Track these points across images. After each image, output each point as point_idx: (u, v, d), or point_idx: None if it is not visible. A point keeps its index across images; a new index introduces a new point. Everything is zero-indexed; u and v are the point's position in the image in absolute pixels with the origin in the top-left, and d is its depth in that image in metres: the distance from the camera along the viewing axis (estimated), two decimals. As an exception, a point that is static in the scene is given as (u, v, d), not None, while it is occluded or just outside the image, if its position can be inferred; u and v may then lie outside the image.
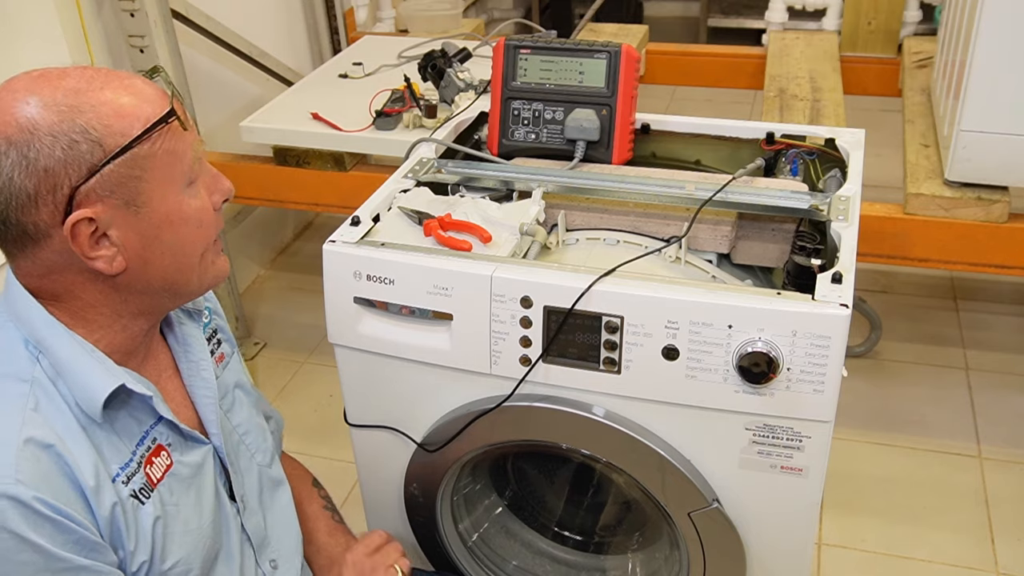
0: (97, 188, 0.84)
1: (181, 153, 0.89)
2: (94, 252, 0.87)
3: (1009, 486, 1.96)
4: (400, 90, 1.97)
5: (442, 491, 1.34)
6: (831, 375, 1.05)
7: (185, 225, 0.91)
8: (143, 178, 0.87)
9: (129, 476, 0.92)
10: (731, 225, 1.30)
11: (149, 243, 0.89)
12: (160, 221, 0.89)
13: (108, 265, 0.88)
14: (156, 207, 0.88)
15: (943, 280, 2.64)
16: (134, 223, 0.87)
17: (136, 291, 0.92)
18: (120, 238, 0.87)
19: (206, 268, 0.96)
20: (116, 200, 0.86)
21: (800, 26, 2.76)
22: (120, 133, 0.84)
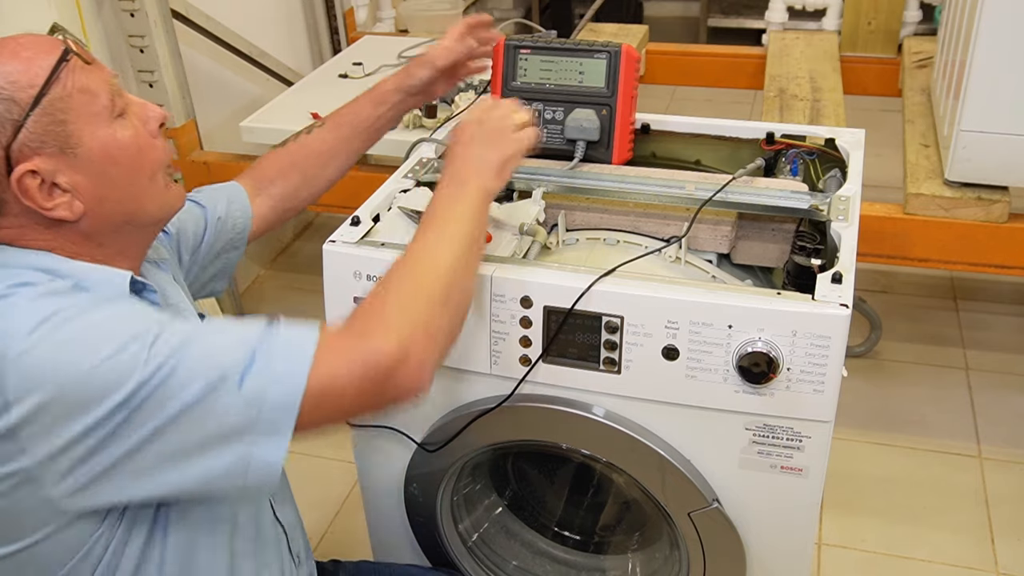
0: (28, 141, 0.88)
1: (95, 89, 0.92)
2: (50, 202, 0.90)
3: (1009, 486, 1.96)
4: (400, 90, 1.97)
5: (442, 491, 1.34)
6: (831, 375, 1.05)
7: (124, 154, 0.94)
8: (67, 121, 0.90)
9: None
10: (731, 225, 1.30)
11: (97, 180, 0.92)
12: (99, 156, 0.92)
13: (69, 211, 0.91)
14: (90, 145, 0.91)
15: (943, 280, 2.64)
16: (76, 165, 0.90)
17: (104, 232, 0.95)
18: (69, 182, 0.90)
19: (159, 192, 0.98)
20: (51, 148, 0.89)
21: (800, 26, 2.76)
22: (28, 84, 0.88)
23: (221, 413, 0.83)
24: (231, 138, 2.25)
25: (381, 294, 0.94)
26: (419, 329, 0.90)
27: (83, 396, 0.81)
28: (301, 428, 0.86)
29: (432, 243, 0.98)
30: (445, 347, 0.95)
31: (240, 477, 0.86)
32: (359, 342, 0.88)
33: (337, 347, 0.88)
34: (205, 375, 0.83)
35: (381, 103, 1.35)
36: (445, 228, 1.00)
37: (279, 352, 0.86)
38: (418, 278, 0.95)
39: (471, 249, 0.99)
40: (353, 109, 1.36)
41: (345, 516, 1.99)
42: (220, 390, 0.83)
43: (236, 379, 0.83)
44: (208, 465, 0.85)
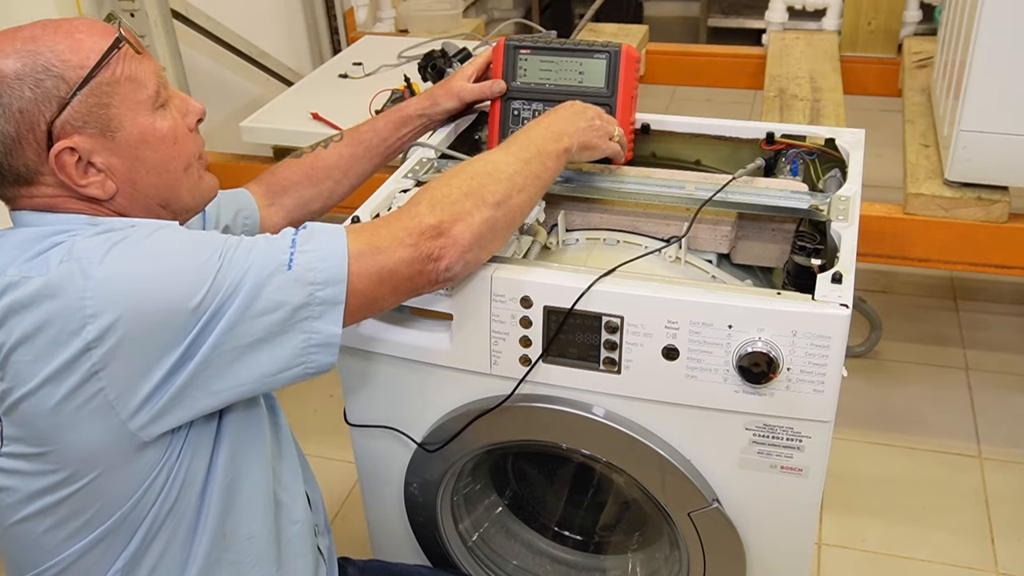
0: (71, 120, 0.91)
1: (143, 79, 0.96)
2: (84, 180, 0.94)
3: (1009, 486, 1.96)
4: (400, 90, 1.97)
5: (442, 491, 1.34)
6: (831, 375, 1.05)
7: (161, 143, 0.98)
8: (111, 104, 0.93)
9: None
10: (731, 225, 1.30)
11: (132, 164, 0.96)
12: (136, 142, 0.95)
13: (101, 190, 0.95)
14: (129, 130, 0.95)
15: (943, 280, 2.64)
16: (113, 148, 0.94)
17: (137, 211, 0.99)
18: (104, 163, 0.94)
19: (194, 182, 1.03)
20: (91, 129, 0.92)
21: (800, 26, 2.75)
22: (79, 65, 0.91)
23: (279, 297, 0.91)
24: (231, 138, 2.25)
25: (442, 179, 1.04)
26: (463, 215, 1.00)
27: (161, 308, 0.87)
28: (353, 300, 0.94)
29: (503, 153, 1.09)
30: (484, 243, 1.03)
31: (303, 357, 0.94)
32: (403, 211, 1.00)
33: (381, 220, 1.00)
34: (260, 268, 0.90)
35: (403, 126, 1.39)
36: (523, 148, 1.10)
37: (317, 232, 0.95)
38: (478, 176, 1.04)
39: (537, 176, 1.09)
40: (374, 127, 1.38)
41: (345, 516, 1.99)
42: (275, 276, 0.91)
43: (285, 263, 0.92)
44: (275, 354, 0.92)
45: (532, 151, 1.11)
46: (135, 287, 0.87)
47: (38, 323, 0.87)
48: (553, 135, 1.14)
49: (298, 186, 1.33)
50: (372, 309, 0.99)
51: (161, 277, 0.88)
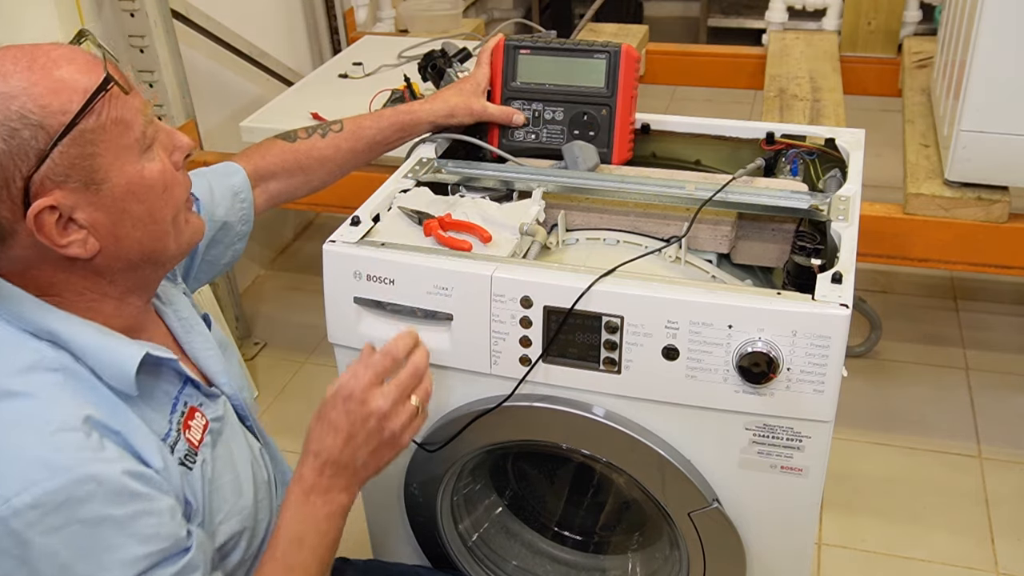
0: (51, 174, 0.81)
1: (130, 120, 0.85)
2: (64, 239, 0.84)
3: (1009, 486, 1.96)
4: (400, 90, 1.97)
5: (442, 491, 1.34)
6: (831, 375, 1.05)
7: (150, 193, 0.88)
8: (96, 154, 0.83)
9: (172, 445, 0.91)
10: (731, 225, 1.30)
11: (118, 219, 0.86)
12: (123, 194, 0.85)
13: (82, 249, 0.85)
14: (116, 181, 0.85)
15: (943, 280, 2.64)
16: (97, 202, 0.84)
17: (118, 270, 0.90)
18: (87, 219, 0.84)
19: (180, 230, 0.94)
20: (74, 183, 0.82)
21: (800, 26, 2.75)
22: (60, 111, 0.80)
23: None
24: (231, 138, 2.25)
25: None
26: None
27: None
28: None
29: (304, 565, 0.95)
30: None
31: None
32: None
33: None
34: None
35: (410, 130, 1.37)
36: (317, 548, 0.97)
37: None
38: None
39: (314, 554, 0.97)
40: (378, 126, 1.35)
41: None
42: None
43: None
44: None
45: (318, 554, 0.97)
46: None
47: None
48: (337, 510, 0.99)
49: (288, 173, 1.29)
50: None
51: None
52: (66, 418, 0.81)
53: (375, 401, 0.97)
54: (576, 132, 1.40)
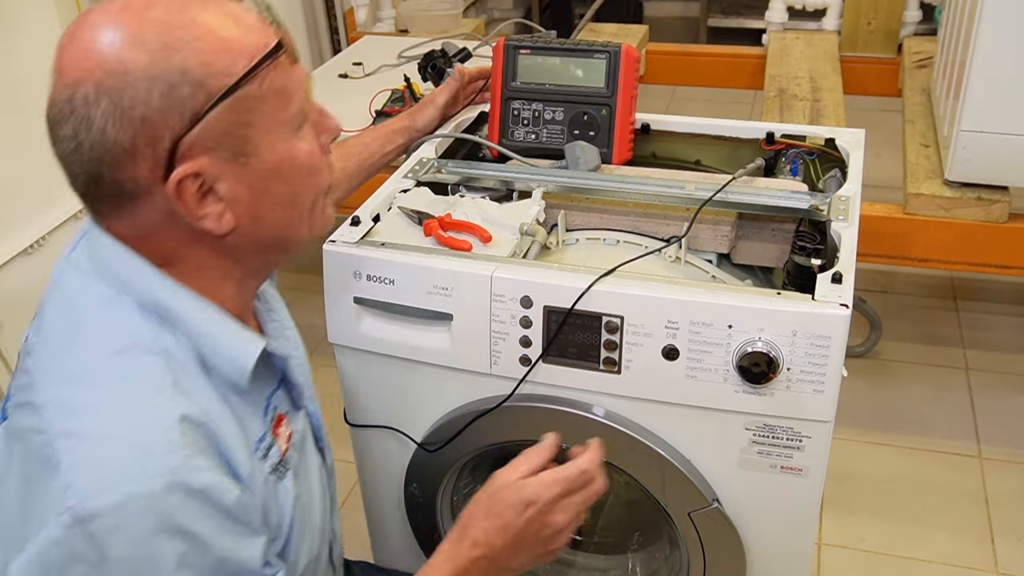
0: (202, 138, 0.74)
1: (291, 92, 0.79)
2: (201, 210, 0.77)
3: (1009, 486, 1.96)
4: (400, 90, 1.97)
5: (442, 491, 1.34)
6: (831, 375, 1.05)
7: (296, 174, 0.81)
8: (251, 123, 0.76)
9: (267, 450, 0.84)
10: (731, 225, 1.30)
11: (259, 197, 0.79)
12: (270, 172, 0.79)
13: (216, 223, 0.78)
14: (265, 156, 0.78)
15: (943, 280, 2.64)
16: (242, 176, 0.77)
17: (247, 251, 0.83)
18: (228, 193, 0.77)
19: (315, 219, 0.86)
20: (223, 152, 0.76)
21: (800, 26, 2.75)
22: (223, 72, 0.74)
23: None
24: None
25: None
26: None
27: None
28: None
29: None
30: None
31: None
32: None
33: None
34: None
35: (387, 143, 1.40)
36: None
37: None
38: None
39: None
40: (364, 142, 1.38)
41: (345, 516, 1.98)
42: None
43: None
44: None
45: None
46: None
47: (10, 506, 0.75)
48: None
49: None
50: None
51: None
52: (160, 414, 0.74)
53: (558, 516, 0.94)
54: (576, 132, 1.40)
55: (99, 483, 0.70)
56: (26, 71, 1.72)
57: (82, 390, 0.75)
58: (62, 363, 0.77)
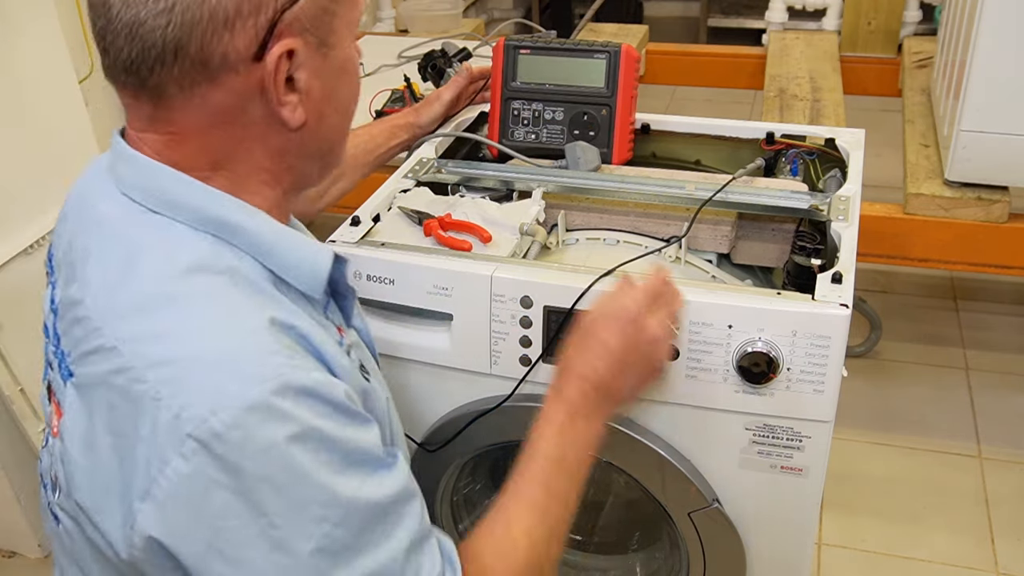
0: (302, 16, 0.71)
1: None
2: (285, 96, 0.74)
3: (1009, 486, 1.96)
4: (400, 90, 1.97)
5: (442, 491, 1.34)
6: (831, 375, 1.05)
7: (354, 78, 0.80)
8: (336, 14, 0.75)
9: (347, 352, 0.82)
10: (731, 225, 1.30)
11: (328, 95, 0.77)
12: (339, 70, 0.77)
13: (292, 115, 0.75)
14: (339, 53, 0.76)
15: (943, 280, 2.64)
16: (320, 68, 0.75)
17: (302, 154, 0.79)
18: (306, 84, 0.74)
19: (347, 141, 0.85)
20: (312, 37, 0.73)
21: (800, 26, 2.76)
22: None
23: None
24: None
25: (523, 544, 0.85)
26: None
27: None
28: None
29: (563, 491, 0.90)
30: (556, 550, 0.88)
31: None
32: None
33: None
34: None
35: (391, 137, 1.41)
36: (575, 474, 0.91)
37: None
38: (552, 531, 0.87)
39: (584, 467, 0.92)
40: (371, 133, 1.39)
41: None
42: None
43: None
44: None
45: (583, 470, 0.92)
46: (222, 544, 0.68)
47: (107, 446, 0.71)
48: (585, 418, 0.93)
49: None
50: None
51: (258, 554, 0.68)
52: (248, 322, 0.70)
53: (651, 327, 0.93)
54: (576, 132, 1.40)
55: (209, 403, 0.67)
56: (26, 71, 1.72)
57: (158, 317, 0.70)
58: (125, 298, 0.72)
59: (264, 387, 0.67)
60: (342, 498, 0.70)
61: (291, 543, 0.68)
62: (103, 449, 0.71)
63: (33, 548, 1.91)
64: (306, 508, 0.69)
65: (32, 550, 1.91)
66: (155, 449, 0.67)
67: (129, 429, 0.69)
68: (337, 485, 0.70)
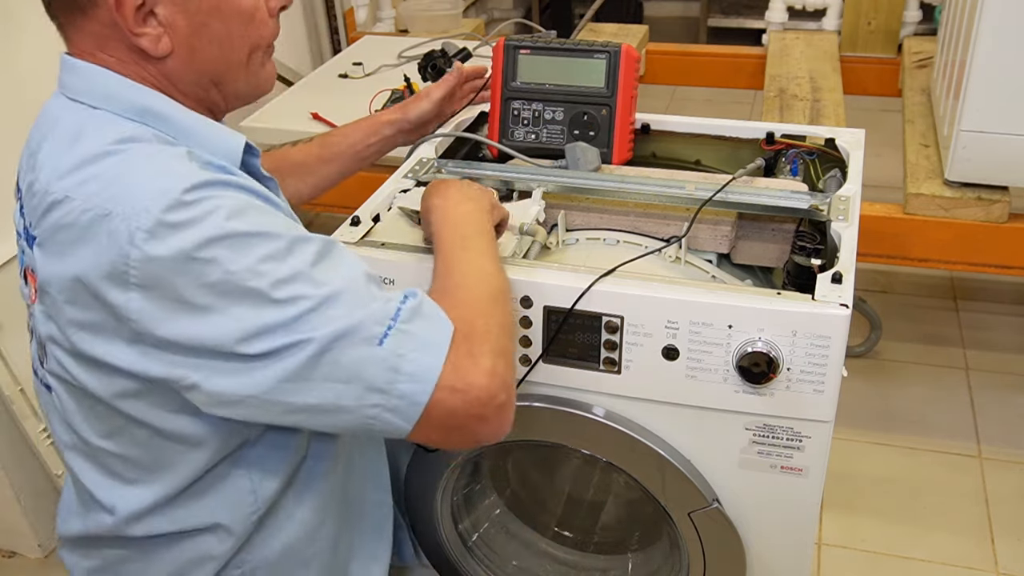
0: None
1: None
2: (139, 28, 0.86)
3: (1009, 486, 1.96)
4: (400, 90, 1.97)
5: (442, 491, 1.34)
6: (831, 375, 1.05)
7: (235, 18, 0.90)
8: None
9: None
10: (731, 225, 1.30)
11: (196, 30, 0.88)
12: (209, 8, 0.88)
13: (153, 45, 0.87)
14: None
15: (943, 280, 2.64)
16: (182, 5, 0.86)
17: (187, 81, 0.91)
18: (167, 18, 0.86)
19: (254, 71, 0.96)
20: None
21: (800, 26, 2.75)
22: None
23: (353, 369, 0.81)
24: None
25: (495, 316, 0.92)
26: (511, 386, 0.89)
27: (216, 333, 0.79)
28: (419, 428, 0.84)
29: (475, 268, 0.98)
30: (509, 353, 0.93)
31: (366, 423, 0.84)
32: (472, 351, 0.86)
33: (459, 364, 0.85)
34: (345, 327, 0.81)
35: (372, 134, 1.40)
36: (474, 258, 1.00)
37: (426, 314, 0.86)
38: (508, 324, 0.94)
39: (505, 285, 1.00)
40: (345, 132, 1.39)
41: (345, 516, 1.99)
42: (357, 345, 0.81)
43: (378, 336, 0.82)
44: (334, 418, 0.84)
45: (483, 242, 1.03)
46: (186, 279, 0.79)
47: (72, 267, 0.81)
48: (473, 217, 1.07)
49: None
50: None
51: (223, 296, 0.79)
52: (172, 154, 0.84)
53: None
54: (576, 132, 1.40)
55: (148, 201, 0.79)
56: (27, 69, 1.72)
57: (98, 167, 0.82)
58: (69, 161, 0.83)
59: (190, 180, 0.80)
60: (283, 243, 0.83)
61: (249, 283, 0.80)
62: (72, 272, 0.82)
63: (33, 548, 1.91)
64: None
65: (32, 550, 1.91)
66: (116, 250, 0.79)
67: (92, 247, 0.80)
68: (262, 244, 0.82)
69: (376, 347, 0.82)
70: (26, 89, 1.72)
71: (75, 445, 0.95)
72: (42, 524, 1.89)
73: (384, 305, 0.84)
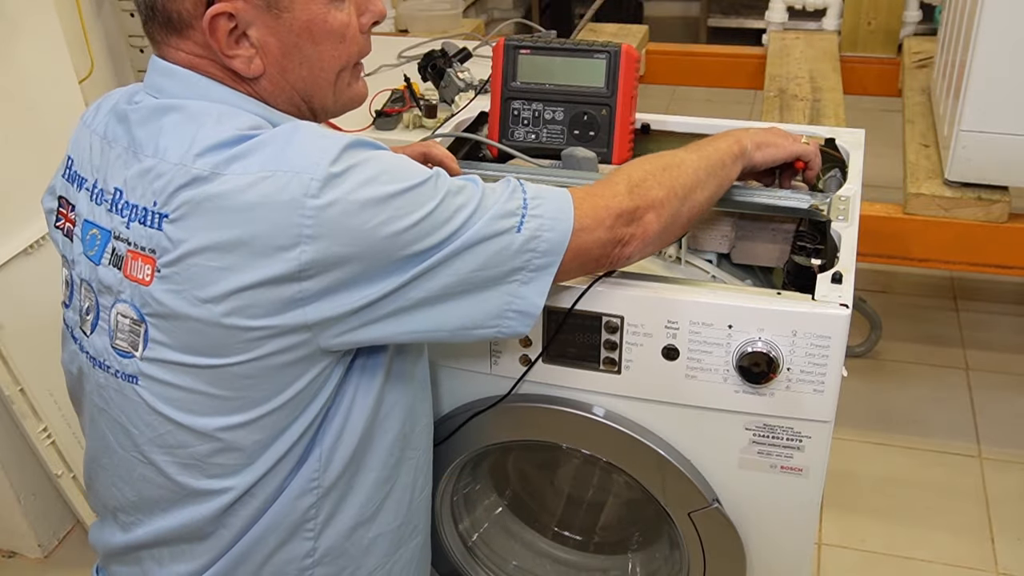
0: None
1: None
2: (232, 50, 0.88)
3: (1009, 486, 1.96)
4: (400, 90, 1.97)
5: (442, 491, 1.34)
6: (831, 375, 1.05)
7: (327, 38, 0.92)
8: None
9: None
10: (731, 225, 1.30)
11: (288, 51, 0.90)
12: (300, 29, 0.90)
13: (245, 66, 0.89)
14: (298, 14, 0.89)
15: (943, 280, 2.64)
16: (274, 27, 0.88)
17: (278, 100, 0.94)
18: (259, 40, 0.88)
19: (342, 89, 0.99)
20: (258, 0, 0.86)
21: (800, 26, 2.75)
22: None
23: (497, 258, 0.88)
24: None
25: (637, 163, 1.03)
26: (656, 204, 0.99)
27: (379, 246, 0.83)
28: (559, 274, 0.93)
29: (687, 152, 1.08)
30: (666, 235, 1.03)
31: (500, 320, 0.91)
32: (602, 188, 0.97)
33: (582, 193, 0.95)
34: (487, 224, 0.87)
35: None
36: (703, 148, 1.10)
37: (547, 198, 0.92)
38: (670, 168, 1.03)
39: (716, 175, 1.09)
40: None
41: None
42: (501, 236, 0.88)
43: (515, 225, 0.89)
44: (475, 309, 0.90)
45: (711, 151, 1.10)
46: (357, 221, 0.82)
47: (238, 231, 0.81)
48: (731, 139, 1.15)
49: None
50: (554, 283, 0.95)
51: (384, 213, 0.83)
52: (314, 127, 0.87)
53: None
54: (576, 132, 1.40)
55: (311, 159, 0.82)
56: (27, 71, 1.72)
57: (240, 147, 0.84)
58: (203, 142, 0.84)
59: (349, 138, 0.85)
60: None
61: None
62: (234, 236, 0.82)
63: (33, 548, 1.91)
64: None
65: (32, 550, 1.91)
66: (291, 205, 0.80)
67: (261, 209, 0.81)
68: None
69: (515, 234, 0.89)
70: (24, 90, 1.72)
71: (156, 439, 0.91)
72: (42, 524, 1.89)
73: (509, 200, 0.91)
